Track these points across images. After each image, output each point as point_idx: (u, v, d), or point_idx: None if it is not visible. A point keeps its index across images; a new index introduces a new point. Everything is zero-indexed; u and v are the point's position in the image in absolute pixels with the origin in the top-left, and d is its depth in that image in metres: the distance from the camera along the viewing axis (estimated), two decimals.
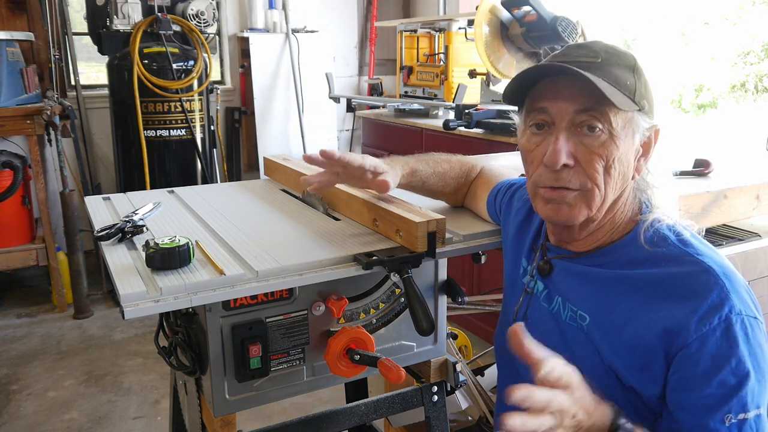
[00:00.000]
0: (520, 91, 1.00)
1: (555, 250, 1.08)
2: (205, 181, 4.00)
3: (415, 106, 3.64)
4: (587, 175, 0.94)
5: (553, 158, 0.93)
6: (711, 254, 0.94)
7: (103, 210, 1.42)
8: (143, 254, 1.02)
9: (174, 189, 1.62)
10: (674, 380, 0.90)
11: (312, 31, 4.70)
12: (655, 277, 0.94)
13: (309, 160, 1.18)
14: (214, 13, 4.01)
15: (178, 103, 3.79)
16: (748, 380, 0.85)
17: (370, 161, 1.18)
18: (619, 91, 0.92)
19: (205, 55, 3.91)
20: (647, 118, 0.96)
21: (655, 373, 0.91)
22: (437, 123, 3.32)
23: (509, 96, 1.02)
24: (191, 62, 3.81)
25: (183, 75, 3.78)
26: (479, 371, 2.07)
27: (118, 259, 1.08)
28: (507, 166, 1.09)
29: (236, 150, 4.83)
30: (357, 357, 1.11)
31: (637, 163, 0.98)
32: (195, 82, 3.84)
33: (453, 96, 3.28)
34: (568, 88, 0.93)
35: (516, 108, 1.06)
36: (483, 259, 1.30)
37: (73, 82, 4.19)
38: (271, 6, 4.61)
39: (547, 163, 0.95)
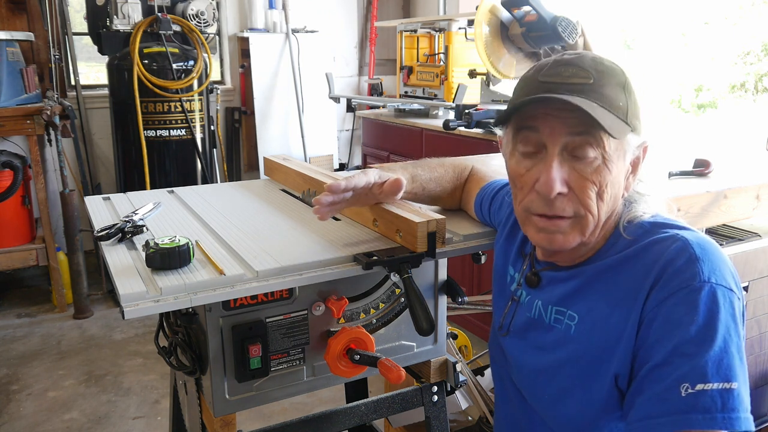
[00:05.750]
0: (508, 111, 0.96)
1: (543, 262, 1.08)
2: (205, 181, 4.00)
3: (415, 106, 3.64)
4: (581, 203, 0.92)
5: (547, 187, 0.91)
6: (688, 231, 0.92)
7: (103, 210, 1.42)
8: (143, 254, 1.02)
9: (174, 189, 1.62)
10: (638, 356, 0.88)
11: (312, 31, 4.70)
12: (630, 254, 0.93)
13: (318, 203, 1.10)
14: (214, 13, 4.01)
15: (178, 103, 3.79)
16: (710, 349, 0.80)
17: (372, 174, 1.14)
18: (613, 114, 0.90)
19: (205, 55, 3.92)
20: (637, 136, 0.95)
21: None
22: (437, 123, 3.32)
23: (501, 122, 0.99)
24: (191, 62, 3.81)
25: (183, 75, 3.78)
26: (479, 371, 2.07)
27: (118, 259, 1.08)
28: (504, 165, 1.08)
29: (236, 150, 4.83)
30: (357, 357, 1.11)
31: (627, 182, 0.97)
32: (195, 82, 3.84)
33: (453, 96, 3.28)
34: (561, 109, 0.90)
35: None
36: (483, 259, 1.30)
37: (73, 82, 4.19)
38: (271, 6, 4.61)
39: (540, 192, 0.92)
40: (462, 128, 3.10)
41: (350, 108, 4.05)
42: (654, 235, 0.93)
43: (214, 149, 4.23)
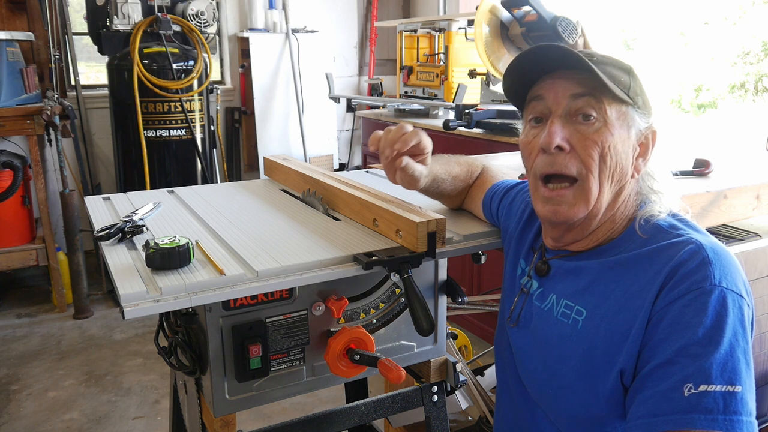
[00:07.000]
0: (521, 86, 1.03)
1: (553, 251, 1.09)
2: (205, 181, 4.01)
3: (415, 106, 3.64)
4: (582, 161, 0.95)
5: (547, 139, 0.96)
6: (703, 235, 0.94)
7: (103, 210, 1.42)
8: (143, 254, 1.02)
9: (174, 189, 1.62)
10: (643, 353, 0.89)
11: (312, 31, 4.70)
12: (643, 254, 0.94)
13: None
14: (214, 13, 4.01)
15: (178, 103, 3.79)
16: (716, 352, 0.81)
17: (423, 138, 1.15)
18: (614, 84, 0.94)
19: (205, 55, 3.92)
20: (643, 116, 0.98)
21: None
22: (437, 123, 3.32)
23: (509, 86, 1.04)
24: (191, 62, 3.81)
25: (183, 75, 3.78)
26: (479, 371, 2.07)
27: (118, 259, 1.08)
28: (507, 166, 1.09)
29: (236, 150, 4.83)
30: (357, 357, 1.11)
31: (636, 162, 0.99)
32: (195, 82, 3.84)
33: (453, 96, 3.28)
34: (565, 77, 0.97)
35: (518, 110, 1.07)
36: (483, 259, 1.30)
37: (73, 82, 4.19)
38: (271, 6, 4.61)
39: (542, 146, 0.97)
40: (462, 128, 3.10)
41: (350, 108, 4.05)
42: (669, 237, 0.94)
43: (214, 149, 4.23)
